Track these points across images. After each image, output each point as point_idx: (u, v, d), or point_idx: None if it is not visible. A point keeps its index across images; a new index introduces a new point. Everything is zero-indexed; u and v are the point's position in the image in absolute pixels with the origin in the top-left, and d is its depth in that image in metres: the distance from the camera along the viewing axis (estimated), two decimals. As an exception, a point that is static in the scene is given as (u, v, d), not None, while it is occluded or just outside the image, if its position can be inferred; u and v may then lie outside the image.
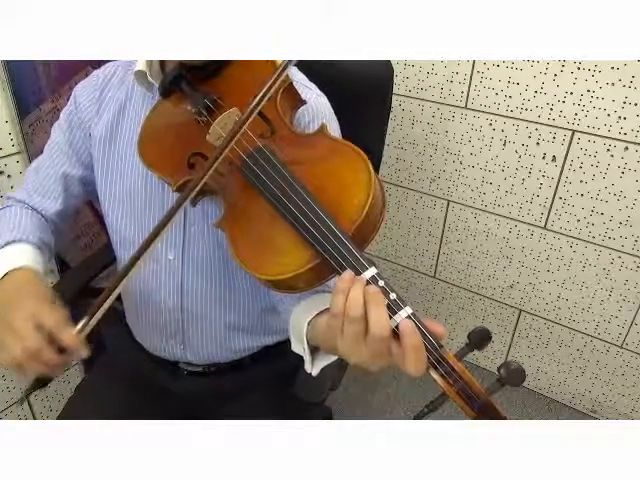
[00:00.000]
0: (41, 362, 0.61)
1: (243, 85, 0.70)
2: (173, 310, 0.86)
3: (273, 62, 0.70)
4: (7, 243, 0.78)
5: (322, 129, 0.65)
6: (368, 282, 0.53)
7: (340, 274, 0.54)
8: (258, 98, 0.63)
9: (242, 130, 0.62)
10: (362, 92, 1.06)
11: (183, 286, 0.84)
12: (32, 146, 1.18)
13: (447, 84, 1.50)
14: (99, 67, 0.88)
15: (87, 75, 0.89)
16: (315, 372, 0.68)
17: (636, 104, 1.26)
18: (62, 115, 0.88)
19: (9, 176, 1.17)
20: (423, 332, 0.52)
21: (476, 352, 0.53)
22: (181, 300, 0.85)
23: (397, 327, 0.52)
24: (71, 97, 0.87)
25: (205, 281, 0.83)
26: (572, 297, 1.56)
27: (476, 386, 0.52)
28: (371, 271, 0.53)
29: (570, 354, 1.64)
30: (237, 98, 0.68)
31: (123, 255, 0.88)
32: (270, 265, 0.59)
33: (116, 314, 1.01)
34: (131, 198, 0.83)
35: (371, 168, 0.58)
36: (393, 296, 0.52)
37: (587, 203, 1.42)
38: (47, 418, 1.45)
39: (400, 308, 0.52)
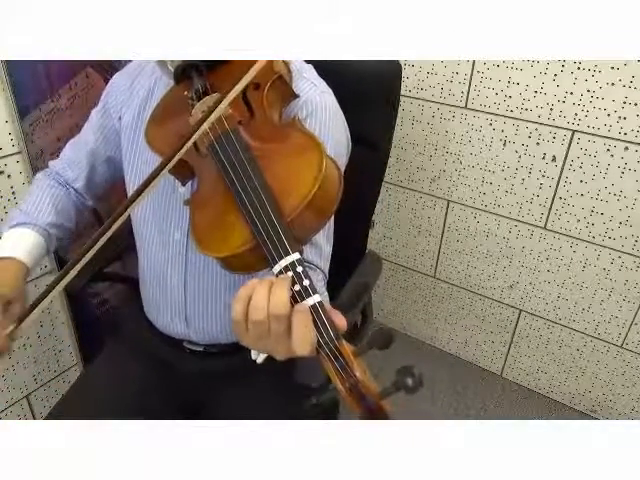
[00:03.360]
0: None
1: (238, 75, 0.72)
2: (178, 287, 0.89)
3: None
4: (17, 224, 0.88)
5: (294, 120, 0.68)
6: (281, 272, 0.55)
7: (270, 257, 0.56)
8: (233, 86, 0.65)
9: (215, 112, 0.65)
10: (370, 90, 1.08)
11: (187, 265, 0.87)
12: (32, 146, 1.18)
13: (447, 84, 1.50)
14: (99, 67, 0.89)
15: (87, 76, 0.90)
16: (260, 360, 0.67)
17: (636, 104, 1.26)
18: (101, 98, 0.95)
19: (9, 176, 1.17)
20: (323, 322, 0.52)
21: (476, 353, 0.53)
22: (185, 278, 0.88)
23: None
24: (109, 82, 0.94)
25: (207, 261, 0.86)
26: (572, 297, 1.56)
27: (368, 386, 0.50)
28: (293, 256, 0.55)
29: (570, 354, 1.64)
30: (226, 85, 0.69)
31: (142, 233, 0.92)
32: (215, 243, 0.62)
33: (131, 292, 1.06)
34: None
35: (324, 159, 0.60)
36: (306, 283, 0.54)
37: (587, 203, 1.42)
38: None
39: (309, 295, 0.53)
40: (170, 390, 0.94)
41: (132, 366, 0.96)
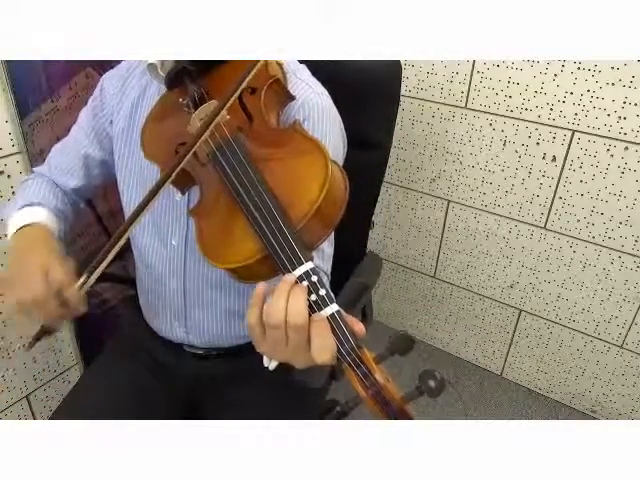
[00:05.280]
0: (45, 311, 0.70)
1: (233, 80, 0.71)
2: (177, 293, 0.89)
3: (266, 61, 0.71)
4: (25, 205, 0.85)
5: (294, 124, 0.67)
6: (297, 281, 0.54)
7: (282, 267, 0.55)
8: (230, 92, 0.65)
9: (214, 122, 0.64)
10: (370, 90, 1.08)
11: (186, 270, 0.87)
12: (32, 146, 1.18)
13: (447, 84, 1.50)
14: (99, 67, 0.89)
15: (87, 76, 0.90)
16: (272, 367, 0.67)
17: (636, 104, 1.26)
18: (89, 101, 0.93)
19: (9, 176, 1.17)
20: (343, 331, 0.52)
21: (476, 353, 0.53)
22: (184, 284, 0.88)
23: None
24: (98, 84, 0.92)
25: (206, 266, 0.85)
26: (572, 297, 1.56)
27: (391, 392, 0.51)
28: (306, 266, 0.54)
29: (570, 354, 1.64)
30: (222, 92, 0.69)
31: (139, 239, 0.91)
32: (224, 254, 0.61)
33: (130, 296, 1.06)
34: (144, 186, 0.86)
35: (329, 165, 0.59)
36: (322, 292, 0.53)
37: (587, 203, 1.42)
38: (47, 418, 1.45)
39: (326, 305, 0.53)
40: (170, 391, 0.94)
41: (132, 367, 0.96)
